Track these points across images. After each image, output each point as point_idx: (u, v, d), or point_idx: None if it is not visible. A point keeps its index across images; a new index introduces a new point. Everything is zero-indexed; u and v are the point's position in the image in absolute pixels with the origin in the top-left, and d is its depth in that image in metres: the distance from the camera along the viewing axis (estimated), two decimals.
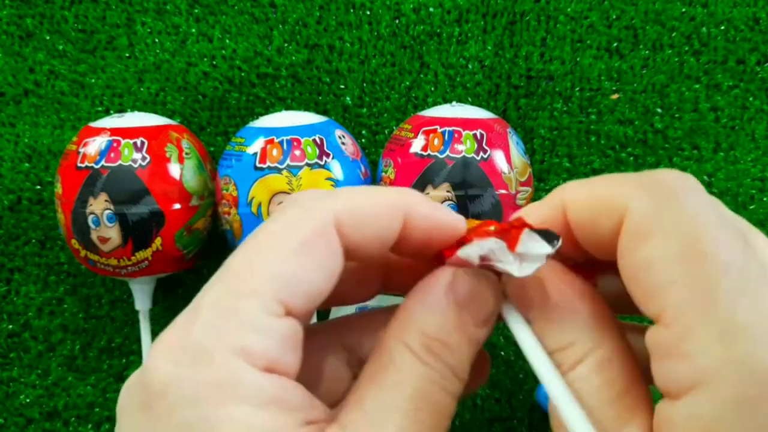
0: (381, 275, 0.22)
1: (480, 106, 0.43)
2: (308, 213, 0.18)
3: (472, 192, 0.36)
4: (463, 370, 0.19)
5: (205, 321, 0.16)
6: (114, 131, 0.37)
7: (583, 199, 0.18)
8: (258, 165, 0.36)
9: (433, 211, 0.19)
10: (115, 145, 0.36)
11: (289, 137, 0.36)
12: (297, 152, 0.36)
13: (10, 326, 0.44)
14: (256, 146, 0.36)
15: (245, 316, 0.16)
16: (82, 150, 0.37)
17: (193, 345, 0.16)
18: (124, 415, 0.17)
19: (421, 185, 0.36)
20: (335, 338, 0.22)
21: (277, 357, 0.16)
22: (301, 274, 0.17)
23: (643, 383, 0.18)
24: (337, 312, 0.38)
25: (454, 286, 0.19)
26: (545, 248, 0.17)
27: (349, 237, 0.18)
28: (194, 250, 0.39)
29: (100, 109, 0.45)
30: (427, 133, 0.37)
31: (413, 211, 0.19)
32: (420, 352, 0.18)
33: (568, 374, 0.18)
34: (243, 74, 0.45)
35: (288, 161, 0.36)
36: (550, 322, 0.18)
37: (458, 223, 0.19)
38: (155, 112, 0.41)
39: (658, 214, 0.16)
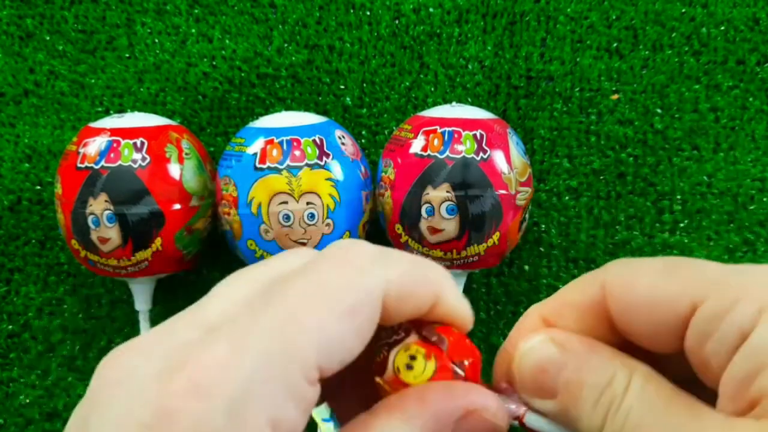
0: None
1: (480, 106, 0.43)
2: (362, 278, 0.17)
3: (471, 192, 0.36)
4: None
5: (252, 368, 0.15)
6: (114, 131, 0.37)
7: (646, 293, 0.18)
8: (258, 165, 0.36)
9: (459, 303, 0.19)
10: (115, 145, 0.36)
11: (288, 137, 0.36)
12: (297, 152, 0.36)
13: (10, 326, 0.44)
14: (256, 146, 0.36)
15: (290, 380, 0.15)
16: (82, 150, 0.37)
17: (230, 393, 0.15)
18: (105, 415, 0.15)
19: (420, 185, 0.36)
20: None
21: (299, 427, 0.16)
22: (343, 342, 0.16)
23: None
24: None
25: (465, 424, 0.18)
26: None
27: (388, 311, 0.17)
28: (194, 251, 0.39)
29: (100, 109, 0.45)
30: (427, 133, 0.37)
31: (443, 299, 0.19)
32: None
33: (625, 397, 0.17)
34: (243, 74, 0.45)
35: (288, 161, 0.36)
36: (585, 369, 0.18)
37: (469, 321, 0.19)
38: (155, 113, 0.41)
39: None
